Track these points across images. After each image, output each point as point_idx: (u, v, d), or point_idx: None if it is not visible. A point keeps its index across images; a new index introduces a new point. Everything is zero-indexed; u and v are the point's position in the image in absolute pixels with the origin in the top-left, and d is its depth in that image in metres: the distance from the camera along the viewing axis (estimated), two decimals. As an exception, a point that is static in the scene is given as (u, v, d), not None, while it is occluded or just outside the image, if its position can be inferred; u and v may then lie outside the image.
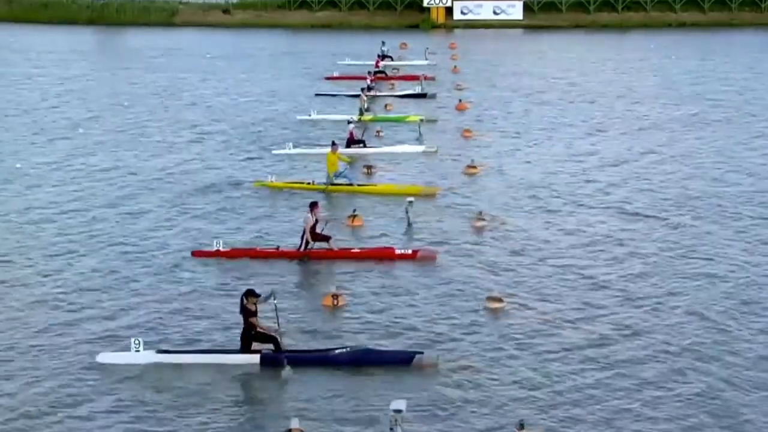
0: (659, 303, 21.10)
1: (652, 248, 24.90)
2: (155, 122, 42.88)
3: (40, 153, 36.47)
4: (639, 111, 45.14)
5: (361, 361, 17.99)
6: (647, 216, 27.79)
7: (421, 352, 18.15)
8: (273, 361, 17.96)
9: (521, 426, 14.80)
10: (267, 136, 39.46)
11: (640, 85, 53.01)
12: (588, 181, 31.89)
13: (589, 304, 21.02)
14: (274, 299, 18.58)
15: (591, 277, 22.73)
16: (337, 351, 18.32)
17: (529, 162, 34.89)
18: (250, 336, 18.21)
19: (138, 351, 18.15)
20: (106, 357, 18.32)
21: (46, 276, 23.06)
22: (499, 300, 20.82)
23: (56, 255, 24.54)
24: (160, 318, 20.38)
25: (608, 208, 28.75)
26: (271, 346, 18.21)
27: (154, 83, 54.72)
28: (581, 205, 29.08)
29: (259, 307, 18.42)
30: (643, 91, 51.07)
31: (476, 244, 25.33)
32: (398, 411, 14.57)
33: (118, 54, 69.70)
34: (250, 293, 18.41)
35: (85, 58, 66.40)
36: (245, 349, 18.22)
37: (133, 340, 18.32)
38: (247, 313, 18.26)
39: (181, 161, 35.11)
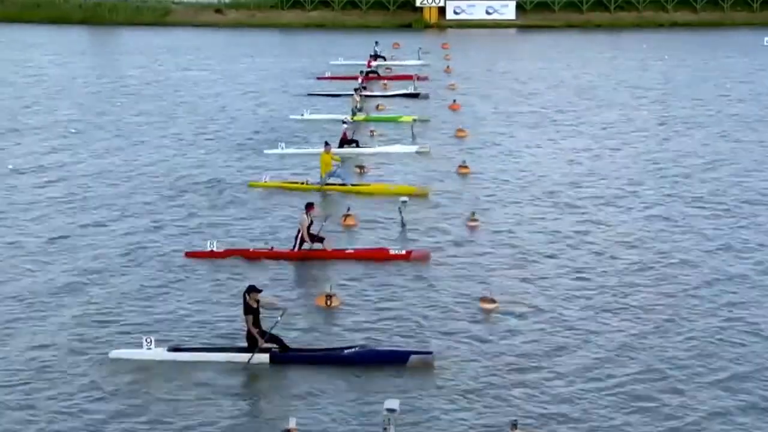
0: (655, 304, 21.15)
1: (647, 247, 24.97)
2: (148, 122, 42.82)
3: (34, 153, 36.39)
4: (637, 110, 45.19)
5: (357, 360, 18.02)
6: (645, 216, 27.85)
7: (416, 352, 18.20)
8: (282, 360, 18.07)
9: (514, 425, 14.84)
10: (260, 136, 39.43)
11: (637, 85, 53.07)
12: (582, 181, 31.93)
13: (584, 304, 21.06)
14: (281, 316, 18.55)
15: (586, 278, 22.76)
16: (332, 350, 18.35)
17: (522, 161, 34.92)
18: (253, 334, 18.21)
19: (150, 348, 18.27)
20: (118, 353, 18.40)
21: (38, 275, 23.02)
22: (492, 300, 20.86)
23: (50, 255, 24.52)
24: (155, 318, 20.37)
25: (602, 207, 28.80)
26: (275, 346, 18.23)
27: (146, 83, 54.63)
28: (575, 204, 29.11)
29: (262, 310, 18.40)
30: (640, 90, 51.14)
31: (470, 244, 25.36)
32: (392, 410, 14.59)
33: (111, 54, 69.57)
34: (251, 289, 18.40)
35: (77, 57, 66.26)
36: (252, 347, 18.23)
37: (144, 338, 18.45)
38: (247, 310, 18.26)
39: (174, 161, 35.05)
